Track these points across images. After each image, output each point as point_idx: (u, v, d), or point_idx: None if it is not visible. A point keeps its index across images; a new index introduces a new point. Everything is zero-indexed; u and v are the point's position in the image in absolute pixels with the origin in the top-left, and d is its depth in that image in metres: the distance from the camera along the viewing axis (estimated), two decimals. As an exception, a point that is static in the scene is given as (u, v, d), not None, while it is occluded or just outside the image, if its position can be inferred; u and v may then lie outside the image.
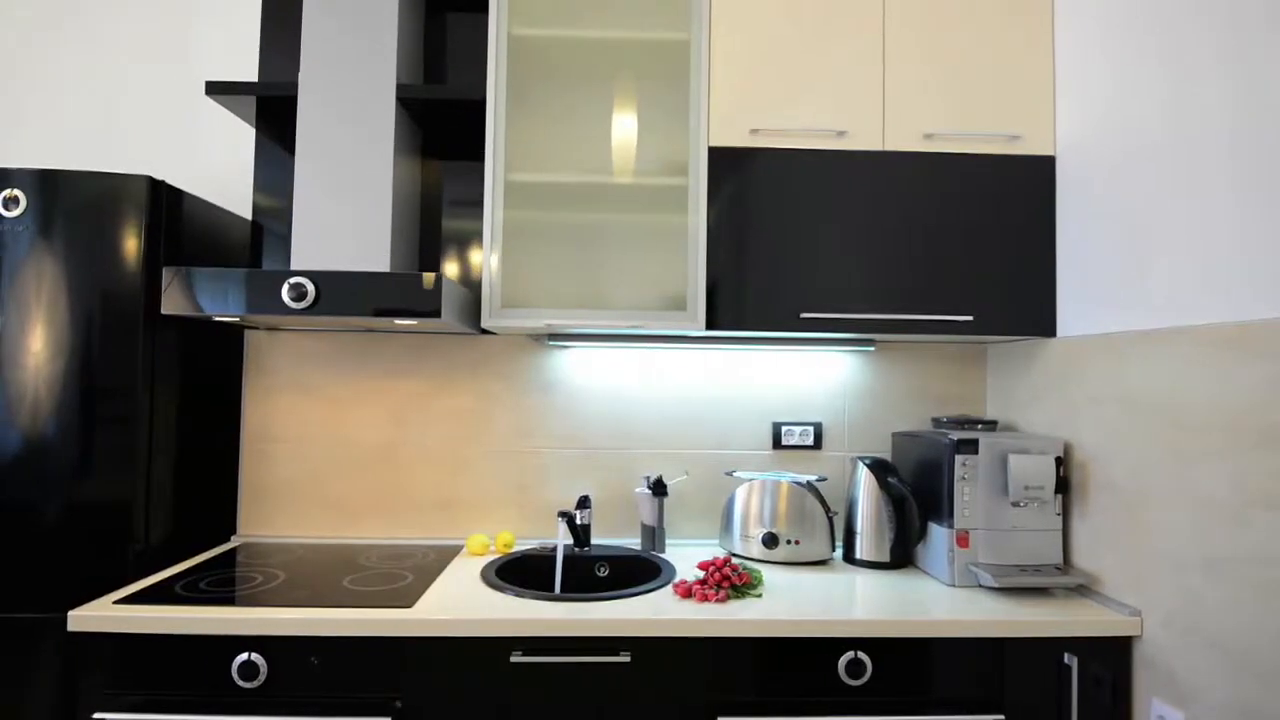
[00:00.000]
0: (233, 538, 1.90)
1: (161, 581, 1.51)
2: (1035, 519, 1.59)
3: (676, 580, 1.52)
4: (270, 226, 1.96)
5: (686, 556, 1.77)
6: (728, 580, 1.47)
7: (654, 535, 1.80)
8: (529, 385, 1.92)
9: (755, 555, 1.75)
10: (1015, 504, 1.57)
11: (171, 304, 1.47)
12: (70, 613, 1.33)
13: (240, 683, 1.32)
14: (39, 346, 1.51)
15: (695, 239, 1.63)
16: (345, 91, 1.66)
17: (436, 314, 1.47)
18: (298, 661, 1.33)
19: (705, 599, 1.43)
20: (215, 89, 1.68)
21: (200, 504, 1.78)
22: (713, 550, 1.84)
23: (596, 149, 1.70)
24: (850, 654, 1.37)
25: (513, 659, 1.33)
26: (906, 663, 1.38)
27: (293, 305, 1.46)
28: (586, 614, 1.37)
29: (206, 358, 1.79)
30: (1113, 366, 1.47)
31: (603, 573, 1.76)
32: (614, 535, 1.91)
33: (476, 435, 1.92)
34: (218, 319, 1.61)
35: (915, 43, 1.67)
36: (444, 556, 1.75)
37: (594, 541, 1.85)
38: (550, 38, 1.68)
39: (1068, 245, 1.65)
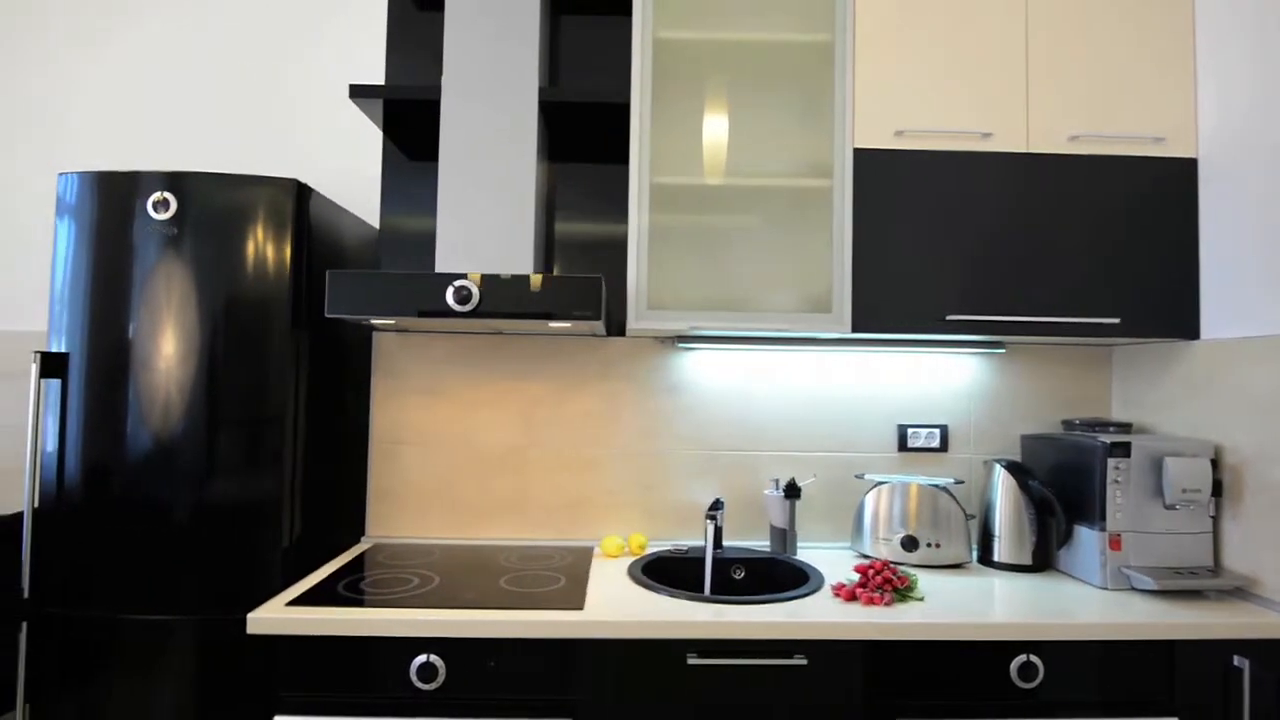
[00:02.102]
0: (362, 539, 1.90)
1: (321, 583, 1.51)
2: (1187, 522, 1.58)
3: (834, 583, 1.52)
4: (391, 229, 1.96)
5: (819, 559, 1.77)
6: (890, 583, 1.47)
7: (784, 538, 1.80)
8: (655, 387, 1.93)
9: (885, 557, 1.74)
10: (1170, 507, 1.56)
11: (336, 306, 1.47)
12: (249, 615, 1.33)
13: (419, 684, 1.32)
14: (184, 348, 1.51)
15: (840, 241, 1.63)
16: (489, 94, 1.67)
17: (597, 316, 1.48)
18: (473, 663, 1.33)
19: (871, 602, 1.43)
20: (357, 93, 1.68)
21: (330, 505, 1.78)
22: (841, 553, 1.84)
23: (738, 151, 1.70)
24: (1023, 657, 1.37)
25: (689, 661, 1.33)
26: (1077, 665, 1.38)
27: (457, 308, 1.47)
28: (756, 616, 1.36)
29: (336, 360, 1.79)
30: (1276, 369, 1.46)
31: (739, 575, 1.76)
32: (738, 537, 1.91)
33: (602, 437, 1.92)
34: (373, 322, 1.61)
35: (1057, 44, 1.67)
36: (580, 558, 1.75)
37: (722, 543, 1.85)
38: (694, 40, 1.69)
39: (1212, 248, 1.64)
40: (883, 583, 1.47)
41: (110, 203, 1.54)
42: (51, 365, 1.55)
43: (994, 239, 1.65)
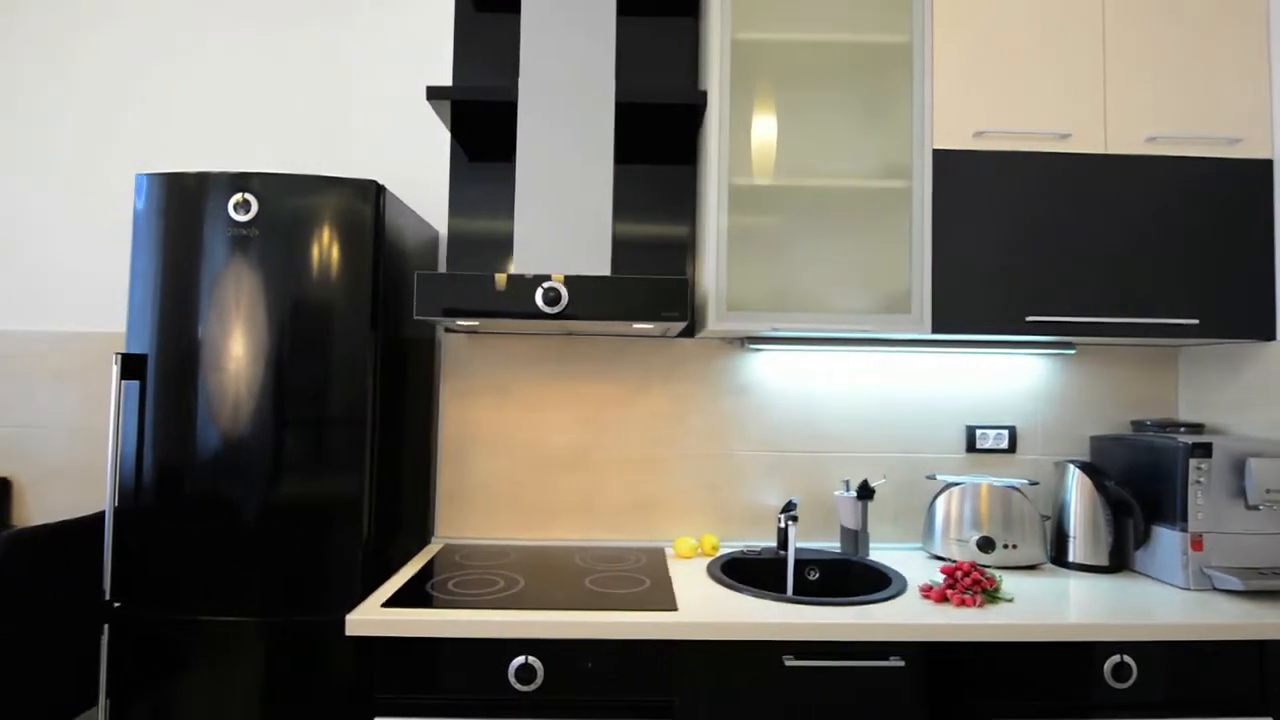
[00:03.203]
0: (432, 540, 1.90)
1: (408, 584, 1.51)
2: (1267, 522, 1.58)
3: (921, 584, 1.52)
4: (455, 230, 1.96)
5: (890, 560, 1.77)
6: (978, 585, 1.47)
7: (856, 539, 1.80)
8: (723, 388, 1.93)
9: (958, 558, 1.75)
10: (1252, 507, 1.57)
11: (426, 307, 1.47)
12: (348, 617, 1.33)
13: (517, 686, 1.32)
14: (264, 349, 1.50)
15: (920, 242, 1.63)
16: (566, 96, 1.66)
17: (684, 318, 1.48)
18: (571, 664, 1.33)
19: (963, 603, 1.43)
20: (434, 94, 1.68)
21: (399, 506, 1.78)
22: (911, 554, 1.84)
23: (810, 152, 1.70)
24: (1116, 657, 1.37)
25: (787, 663, 1.33)
26: (1169, 665, 1.38)
27: (546, 309, 1.47)
28: (850, 618, 1.36)
29: (401, 361, 1.79)
30: (1366, 370, 1.47)
31: (813, 576, 1.76)
32: (807, 538, 1.91)
33: (669, 438, 1.92)
34: (458, 323, 1.61)
35: (1133, 46, 1.67)
36: (654, 559, 1.75)
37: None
38: (768, 41, 1.69)
39: (1289, 248, 1.65)
40: (972, 584, 1.47)
41: (189, 204, 1.53)
42: (130, 367, 1.55)
43: (1072, 239, 1.65)
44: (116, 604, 1.52)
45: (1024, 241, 1.65)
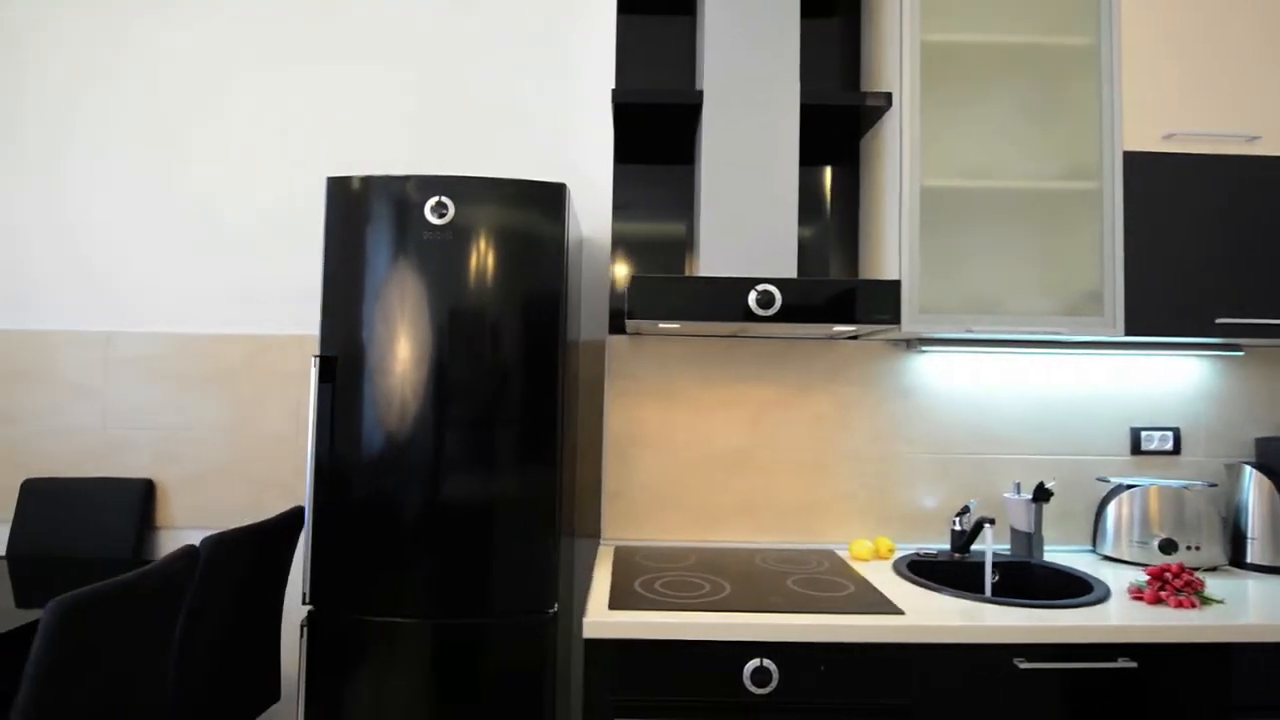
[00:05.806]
0: (602, 541, 1.90)
1: (614, 586, 1.51)
2: None
3: (1129, 585, 1.53)
4: (619, 234, 1.97)
5: (1065, 562, 1.77)
6: (1190, 586, 1.47)
7: (1029, 541, 1.80)
8: (887, 390, 1.93)
9: (1127, 559, 1.75)
10: None
11: (639, 310, 1.48)
12: (585, 620, 1.33)
13: (752, 689, 1.32)
14: (459, 350, 1.51)
15: (1112, 244, 1.63)
16: (751, 99, 1.67)
17: (896, 320, 1.48)
18: (803, 667, 1.33)
19: (1181, 605, 1.43)
20: (619, 97, 1.68)
21: (567, 507, 1.78)
22: (1082, 556, 1.85)
23: (997, 153, 1.70)
24: (1341, 659, 1.37)
25: (1020, 665, 1.34)
26: (1393, 668, 1.38)
27: (759, 312, 1.47)
28: (1071, 620, 1.37)
29: (568, 361, 1.79)
30: None
31: (994, 578, 1.76)
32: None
33: (833, 440, 1.93)
34: (660, 325, 1.60)
35: (1319, 48, 1.67)
36: (834, 561, 1.75)
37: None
38: (955, 43, 1.69)
39: None
40: (1184, 585, 1.47)
41: (381, 206, 1.54)
42: (325, 369, 1.56)
43: (1259, 242, 1.65)
44: (311, 606, 1.53)
45: (1210, 244, 1.65)
